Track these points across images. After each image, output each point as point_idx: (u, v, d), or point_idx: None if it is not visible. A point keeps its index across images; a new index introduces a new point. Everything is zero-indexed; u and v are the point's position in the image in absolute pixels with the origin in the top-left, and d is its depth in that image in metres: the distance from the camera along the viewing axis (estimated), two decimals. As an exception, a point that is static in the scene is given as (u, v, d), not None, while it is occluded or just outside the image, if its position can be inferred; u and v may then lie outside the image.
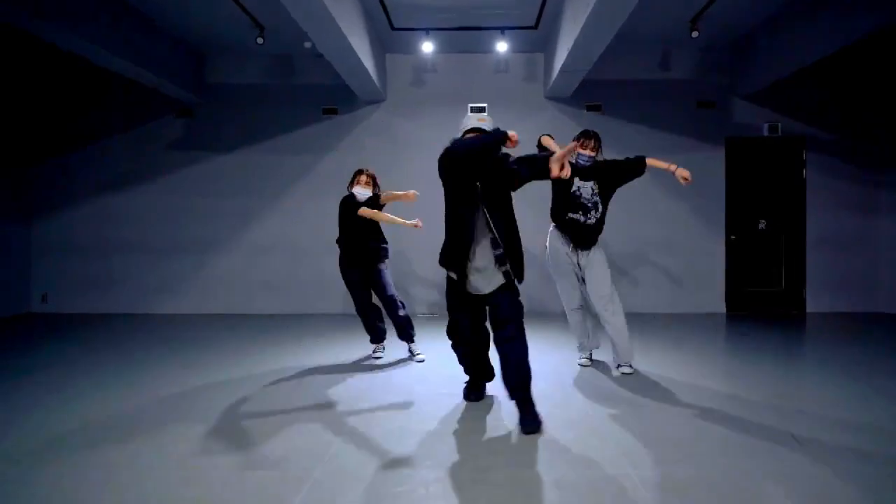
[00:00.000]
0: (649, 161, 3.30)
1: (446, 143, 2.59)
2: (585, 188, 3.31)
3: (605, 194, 3.35)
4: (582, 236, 3.34)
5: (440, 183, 2.64)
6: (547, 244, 3.51)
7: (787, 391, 3.11)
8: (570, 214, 3.31)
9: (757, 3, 4.88)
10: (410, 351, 3.90)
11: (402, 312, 3.76)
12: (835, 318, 5.65)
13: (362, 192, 3.64)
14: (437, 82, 6.11)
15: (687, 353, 4.04)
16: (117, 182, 6.20)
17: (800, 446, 2.27)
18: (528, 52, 6.05)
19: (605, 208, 3.35)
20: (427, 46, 5.53)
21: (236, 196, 6.15)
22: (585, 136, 3.29)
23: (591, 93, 5.97)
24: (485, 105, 6.01)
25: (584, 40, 4.36)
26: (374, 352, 3.92)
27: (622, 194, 3.65)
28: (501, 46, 5.56)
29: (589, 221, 3.30)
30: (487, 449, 2.28)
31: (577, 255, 3.39)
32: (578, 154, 3.24)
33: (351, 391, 3.12)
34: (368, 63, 5.19)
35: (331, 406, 2.86)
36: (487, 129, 2.57)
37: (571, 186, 3.29)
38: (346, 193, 3.76)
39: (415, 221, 3.69)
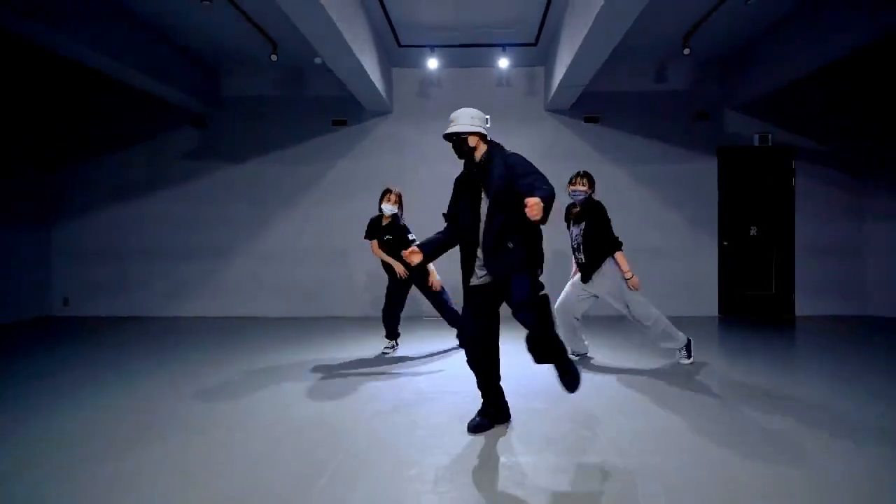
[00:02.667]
0: (618, 254, 3.62)
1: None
2: (574, 229, 3.72)
3: (587, 237, 3.64)
4: (582, 272, 3.76)
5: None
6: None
7: (783, 391, 3.30)
8: (575, 254, 3.79)
9: (748, 18, 5.10)
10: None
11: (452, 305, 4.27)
12: (824, 321, 5.87)
13: (389, 208, 4.10)
14: (441, 95, 6.36)
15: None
16: (134, 189, 6.45)
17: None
18: (529, 67, 6.30)
19: (586, 249, 3.65)
20: (432, 63, 5.78)
21: (247, 204, 6.40)
22: (576, 175, 3.63)
23: (589, 104, 6.20)
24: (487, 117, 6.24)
25: (581, 58, 4.55)
26: (387, 348, 4.38)
27: (619, 202, 4.06)
28: (503, 62, 5.82)
29: (581, 259, 3.72)
30: (492, 438, 2.52)
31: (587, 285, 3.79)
32: (573, 192, 3.58)
33: (366, 388, 3.37)
34: (376, 77, 5.42)
35: (346, 402, 3.10)
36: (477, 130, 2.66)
37: (570, 228, 3.78)
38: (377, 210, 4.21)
39: (400, 271, 4.06)
